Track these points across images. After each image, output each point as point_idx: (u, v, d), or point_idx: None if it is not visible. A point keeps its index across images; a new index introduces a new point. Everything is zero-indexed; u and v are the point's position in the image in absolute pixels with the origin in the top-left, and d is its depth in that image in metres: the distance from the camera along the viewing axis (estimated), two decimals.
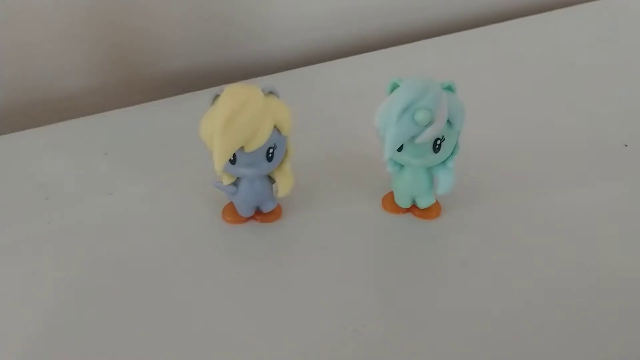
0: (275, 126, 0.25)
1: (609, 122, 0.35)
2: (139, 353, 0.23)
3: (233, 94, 0.24)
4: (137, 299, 0.25)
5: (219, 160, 0.24)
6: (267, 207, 0.28)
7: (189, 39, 0.40)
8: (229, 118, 0.23)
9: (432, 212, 0.28)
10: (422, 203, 0.28)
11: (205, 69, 0.42)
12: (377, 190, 0.30)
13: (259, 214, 0.28)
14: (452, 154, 0.26)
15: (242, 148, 0.24)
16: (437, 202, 0.29)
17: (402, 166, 0.27)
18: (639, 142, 0.33)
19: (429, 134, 0.24)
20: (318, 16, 0.44)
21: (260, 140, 0.24)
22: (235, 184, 0.27)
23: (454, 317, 0.24)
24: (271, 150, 0.25)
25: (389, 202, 0.29)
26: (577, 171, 0.32)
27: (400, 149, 0.26)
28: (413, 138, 0.24)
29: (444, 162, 0.26)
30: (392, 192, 0.29)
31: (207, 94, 0.37)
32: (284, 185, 0.27)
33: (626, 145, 0.33)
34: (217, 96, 0.25)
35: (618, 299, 0.25)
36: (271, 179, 0.27)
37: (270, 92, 0.25)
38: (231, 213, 0.28)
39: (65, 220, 0.28)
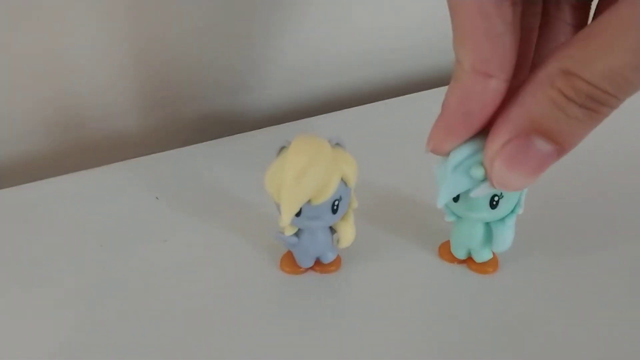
0: (341, 178, 0.25)
1: None
2: None
3: (302, 147, 0.24)
4: (191, 349, 0.24)
5: (287, 215, 0.23)
6: (328, 258, 0.27)
7: (230, 79, 0.41)
8: (299, 174, 0.23)
9: (488, 267, 0.28)
10: (478, 257, 0.27)
11: (251, 110, 0.42)
12: (435, 238, 0.29)
13: (318, 265, 0.28)
14: (512, 211, 0.25)
15: (308, 201, 0.24)
16: (494, 256, 0.28)
17: (460, 217, 0.26)
18: None
19: (483, 190, 0.23)
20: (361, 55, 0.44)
21: (327, 193, 0.24)
22: (296, 234, 0.26)
23: None
24: (336, 203, 0.25)
25: (446, 251, 0.28)
26: None
27: (457, 199, 0.25)
28: (469, 191, 0.24)
29: (502, 219, 0.26)
30: (449, 241, 0.28)
31: (260, 135, 0.38)
32: (346, 237, 0.26)
33: None
34: (283, 148, 0.24)
35: None
36: (332, 230, 0.27)
37: (337, 144, 0.25)
38: (289, 263, 0.28)
39: (121, 267, 0.28)
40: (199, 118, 0.41)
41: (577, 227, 0.30)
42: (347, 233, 0.26)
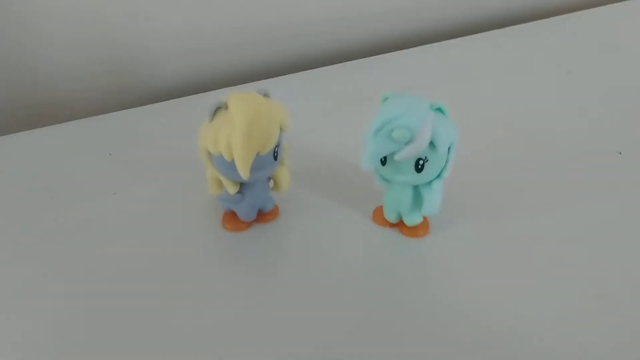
0: None
1: (605, 129, 0.36)
2: (134, 354, 0.23)
3: (243, 102, 0.24)
4: (136, 300, 0.25)
5: (246, 168, 0.24)
6: (268, 207, 0.28)
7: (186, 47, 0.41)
8: (248, 127, 0.24)
9: (418, 230, 0.28)
10: (408, 221, 0.28)
11: (201, 75, 0.43)
12: (370, 202, 0.30)
13: (258, 215, 0.29)
14: (439, 176, 0.26)
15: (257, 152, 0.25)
16: (425, 220, 0.28)
17: (389, 181, 0.27)
18: (633, 149, 0.34)
19: (406, 153, 0.24)
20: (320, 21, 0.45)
21: (272, 142, 0.25)
22: (239, 192, 0.27)
23: (433, 335, 0.24)
24: (276, 150, 0.26)
25: (379, 215, 0.29)
26: (571, 182, 0.31)
27: (384, 163, 0.26)
28: (394, 154, 0.25)
29: (429, 183, 0.26)
30: (382, 206, 0.29)
31: (209, 97, 0.38)
32: (285, 179, 0.28)
33: (620, 153, 0.34)
34: (218, 108, 0.25)
35: (617, 320, 0.24)
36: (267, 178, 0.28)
37: (266, 94, 0.26)
38: (231, 220, 0.28)
39: (70, 219, 0.29)
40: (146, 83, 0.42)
41: (506, 190, 0.31)
42: (285, 176, 0.28)
